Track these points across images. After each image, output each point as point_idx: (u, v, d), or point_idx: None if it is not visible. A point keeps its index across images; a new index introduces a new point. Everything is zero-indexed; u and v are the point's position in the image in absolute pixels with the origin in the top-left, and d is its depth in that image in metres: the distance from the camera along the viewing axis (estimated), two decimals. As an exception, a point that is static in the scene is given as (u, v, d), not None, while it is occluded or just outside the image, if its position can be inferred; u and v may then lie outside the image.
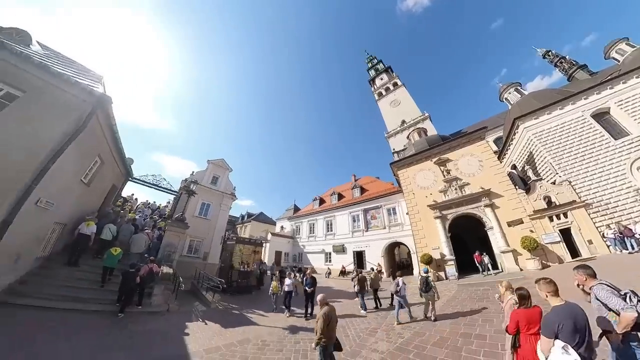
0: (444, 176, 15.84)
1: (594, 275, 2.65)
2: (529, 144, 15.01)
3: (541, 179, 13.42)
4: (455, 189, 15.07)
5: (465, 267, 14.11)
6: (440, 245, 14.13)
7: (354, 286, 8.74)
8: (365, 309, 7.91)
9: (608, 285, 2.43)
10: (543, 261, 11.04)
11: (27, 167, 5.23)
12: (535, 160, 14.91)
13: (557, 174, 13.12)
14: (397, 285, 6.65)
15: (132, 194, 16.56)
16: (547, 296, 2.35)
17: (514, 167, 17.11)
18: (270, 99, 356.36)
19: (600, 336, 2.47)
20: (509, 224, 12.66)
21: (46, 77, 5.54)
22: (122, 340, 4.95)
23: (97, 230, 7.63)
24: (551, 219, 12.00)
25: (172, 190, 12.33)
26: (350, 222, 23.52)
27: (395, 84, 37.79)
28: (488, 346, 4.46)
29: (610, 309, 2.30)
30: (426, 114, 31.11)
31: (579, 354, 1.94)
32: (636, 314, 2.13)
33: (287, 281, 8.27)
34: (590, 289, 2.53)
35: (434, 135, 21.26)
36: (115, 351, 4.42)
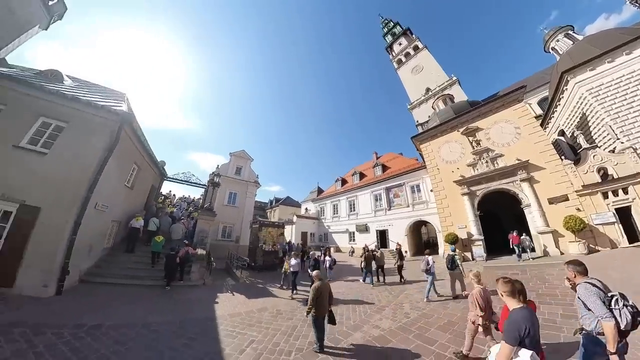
0: (473, 148, 14.36)
1: (584, 273, 2.56)
2: (582, 103, 12.38)
3: (596, 147, 11.20)
4: (486, 161, 13.63)
5: (498, 247, 13.24)
6: (467, 224, 13.37)
7: (361, 263, 9.71)
8: (371, 282, 9.09)
9: (594, 285, 2.32)
10: (590, 245, 9.71)
11: (83, 180, 6.70)
12: (590, 124, 12.37)
13: (617, 139, 10.77)
14: (427, 263, 6.85)
15: (170, 191, 19.39)
16: (502, 295, 2.23)
17: (562, 133, 14.53)
18: (284, 86, 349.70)
19: (575, 332, 2.52)
20: (551, 201, 11.18)
21: (79, 107, 6.81)
22: (168, 305, 6.41)
23: (144, 224, 9.49)
24: (605, 196, 10.18)
25: (200, 184, 14.05)
26: (372, 201, 23.44)
27: (416, 48, 33.32)
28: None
29: (589, 309, 2.27)
30: (454, 78, 27.29)
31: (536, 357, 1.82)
32: (613, 322, 2.07)
33: (292, 262, 8.72)
34: (576, 285, 2.47)
35: (462, 101, 18.97)
36: (163, 314, 5.77)
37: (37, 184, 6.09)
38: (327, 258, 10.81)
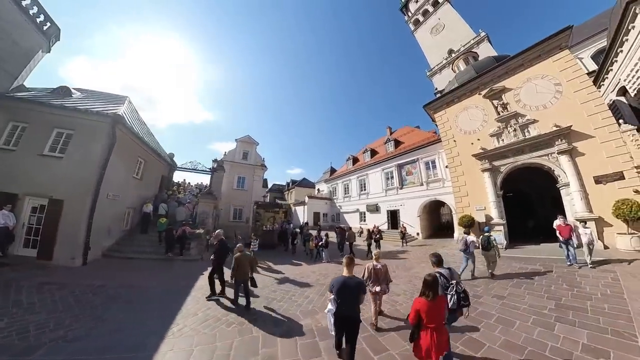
0: (498, 114, 12.24)
1: (437, 263, 3.19)
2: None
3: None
4: (514, 130, 11.60)
5: (528, 234, 11.85)
6: (487, 205, 11.82)
7: (336, 238, 11.29)
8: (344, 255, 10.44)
9: (441, 275, 2.95)
10: (648, 239, 7.66)
11: (92, 176, 8.36)
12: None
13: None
14: (466, 242, 6.53)
15: (184, 179, 22.03)
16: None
17: (624, 91, 11.21)
18: (297, 67, 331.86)
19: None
20: (598, 180, 8.99)
21: (80, 115, 8.32)
22: (164, 274, 7.94)
23: (155, 209, 11.43)
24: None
25: (206, 171, 15.69)
26: (383, 179, 22.75)
27: (435, 3, 28.41)
28: (389, 307, 4.67)
29: None
30: (482, 34, 22.70)
31: (341, 308, 2.93)
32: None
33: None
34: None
35: (485, 58, 16.09)
36: (155, 280, 7.16)
37: (59, 182, 7.91)
38: (322, 241, 11.07)
